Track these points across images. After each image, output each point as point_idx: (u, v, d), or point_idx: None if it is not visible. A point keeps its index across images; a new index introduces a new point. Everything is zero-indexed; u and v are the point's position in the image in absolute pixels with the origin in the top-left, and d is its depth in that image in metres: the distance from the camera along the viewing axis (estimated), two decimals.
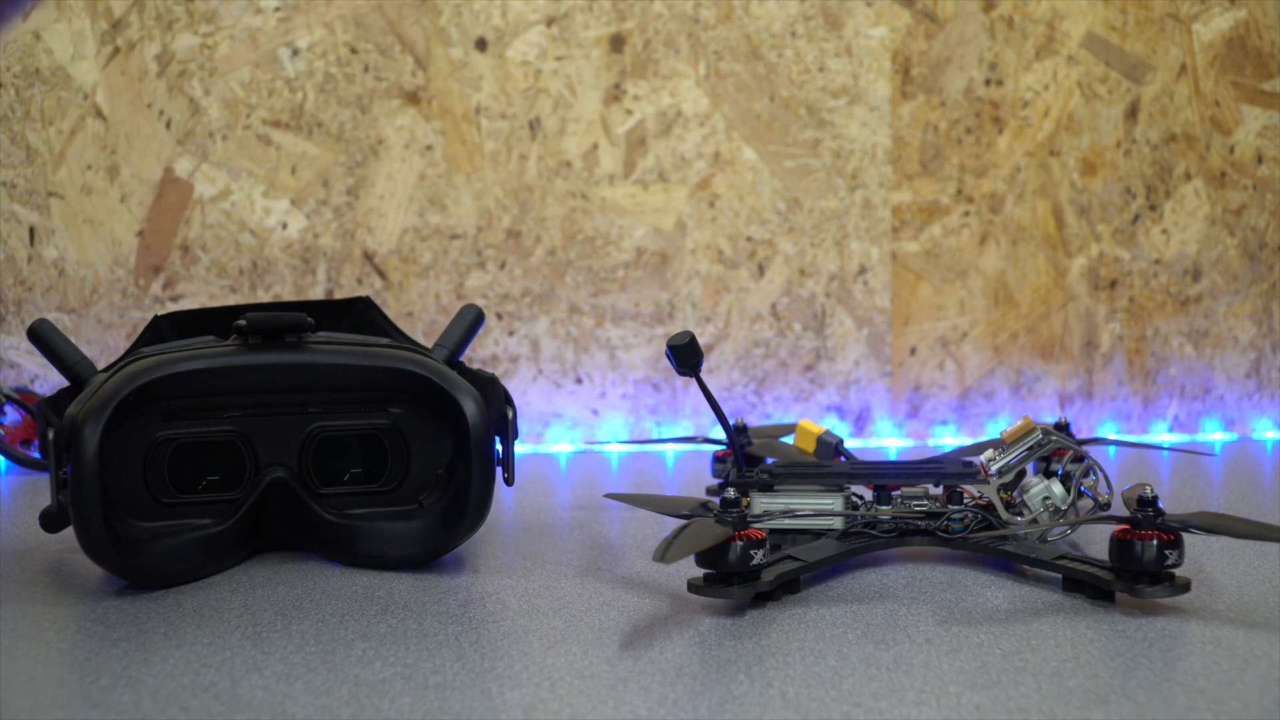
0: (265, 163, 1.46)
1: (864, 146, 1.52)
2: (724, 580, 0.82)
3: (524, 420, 1.50)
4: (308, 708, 0.66)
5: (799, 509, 0.95)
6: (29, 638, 0.78)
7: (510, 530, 1.07)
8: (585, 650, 0.75)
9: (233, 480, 0.95)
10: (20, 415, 1.36)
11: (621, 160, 1.50)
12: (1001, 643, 0.75)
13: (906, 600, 0.85)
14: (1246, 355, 1.58)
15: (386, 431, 0.98)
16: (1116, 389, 1.57)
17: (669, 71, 1.49)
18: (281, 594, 0.87)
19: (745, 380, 1.53)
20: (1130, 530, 0.81)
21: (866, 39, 1.51)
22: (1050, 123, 1.53)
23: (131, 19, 1.43)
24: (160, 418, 0.94)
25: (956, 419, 1.55)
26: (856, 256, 1.53)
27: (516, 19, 1.48)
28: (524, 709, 0.66)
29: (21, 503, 1.21)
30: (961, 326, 1.55)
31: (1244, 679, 0.69)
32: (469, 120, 1.48)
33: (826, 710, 0.65)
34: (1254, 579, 0.89)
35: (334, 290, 1.48)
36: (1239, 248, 1.57)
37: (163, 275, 1.46)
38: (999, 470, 0.94)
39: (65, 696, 0.68)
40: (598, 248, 1.50)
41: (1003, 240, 1.54)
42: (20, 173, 1.44)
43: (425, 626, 0.80)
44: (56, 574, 0.93)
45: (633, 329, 1.51)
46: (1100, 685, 0.68)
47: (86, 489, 0.84)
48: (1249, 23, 1.55)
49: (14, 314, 1.45)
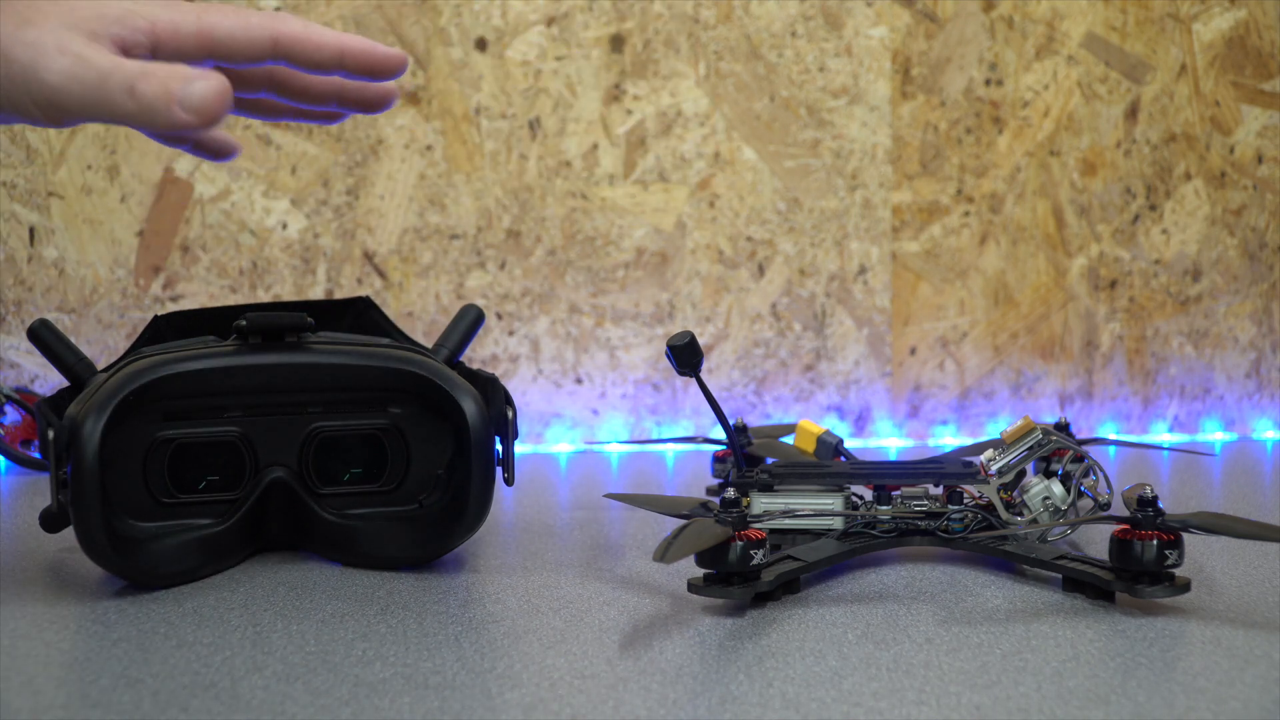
0: (265, 163, 1.46)
1: (864, 146, 1.52)
2: (724, 580, 0.82)
3: (524, 420, 1.50)
4: (308, 708, 0.66)
5: (799, 509, 0.95)
6: (29, 638, 0.78)
7: (510, 530, 1.07)
8: (585, 650, 0.75)
9: (233, 480, 0.95)
10: (20, 415, 1.36)
11: (621, 160, 1.50)
12: (1001, 643, 0.75)
13: (906, 600, 0.85)
14: (1246, 355, 1.58)
15: (386, 431, 0.98)
16: (1116, 389, 1.57)
17: (669, 71, 1.49)
18: (281, 594, 0.87)
19: (745, 380, 1.53)
20: (1130, 530, 0.81)
21: (866, 39, 1.51)
22: (1050, 123, 1.53)
23: None
24: (160, 418, 0.94)
25: (956, 419, 1.55)
26: (856, 256, 1.53)
27: (516, 19, 1.48)
28: (524, 709, 0.66)
29: (21, 503, 1.21)
30: (961, 326, 1.55)
31: (1244, 679, 0.69)
32: (469, 120, 1.48)
33: (826, 710, 0.65)
34: (1254, 579, 0.89)
35: (334, 290, 1.47)
36: (1239, 248, 1.57)
37: (163, 275, 1.46)
38: (999, 470, 0.94)
39: (65, 696, 0.68)
40: (598, 248, 1.50)
41: (1003, 240, 1.54)
42: (20, 173, 1.44)
43: (425, 626, 0.80)
44: (56, 574, 0.93)
45: (633, 329, 1.51)
46: (1100, 685, 0.68)
47: (86, 489, 0.84)
48: (1249, 23, 1.55)
49: (14, 314, 1.45)
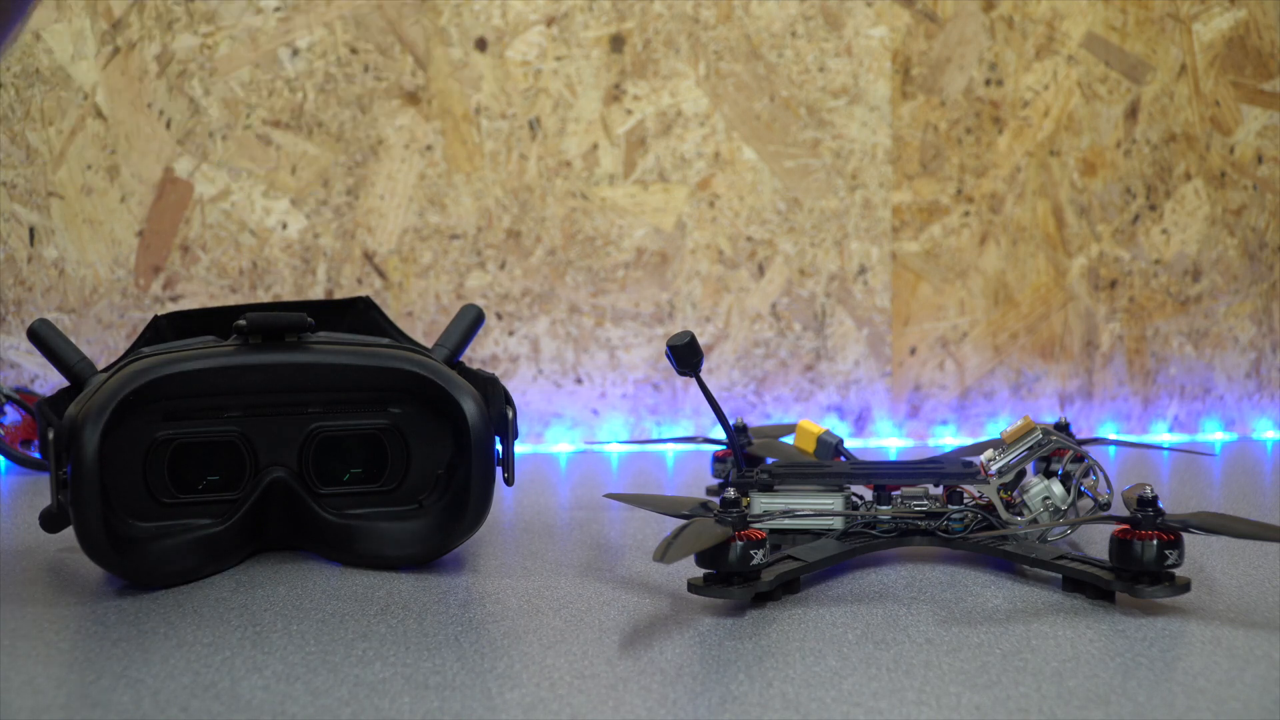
0: (265, 163, 1.46)
1: (864, 146, 1.52)
2: (724, 580, 0.82)
3: (524, 420, 1.50)
4: (308, 708, 0.66)
5: (799, 509, 0.95)
6: (29, 638, 0.78)
7: (510, 530, 1.07)
8: (585, 650, 0.75)
9: (233, 480, 0.95)
10: (20, 415, 1.36)
11: (621, 160, 1.50)
12: (1001, 643, 0.75)
13: (906, 600, 0.85)
14: (1246, 355, 1.58)
15: (386, 431, 0.98)
16: (1116, 389, 1.57)
17: (669, 71, 1.49)
18: (281, 594, 0.87)
19: (745, 380, 1.53)
20: (1130, 530, 0.81)
21: (866, 39, 1.51)
22: (1050, 123, 1.53)
23: (131, 19, 1.43)
24: (160, 418, 0.94)
25: (956, 419, 1.55)
26: (856, 256, 1.53)
27: (516, 19, 1.48)
28: (524, 709, 0.66)
29: (21, 503, 1.21)
30: (961, 326, 1.55)
31: (1244, 679, 0.69)
32: (469, 120, 1.48)
33: (826, 710, 0.65)
34: (1254, 579, 0.89)
35: (334, 290, 1.48)
36: (1239, 248, 1.57)
37: (163, 275, 1.46)
38: (999, 470, 0.94)
39: (65, 696, 0.68)
40: (598, 248, 1.50)
41: (1003, 240, 1.54)
42: (20, 173, 1.44)
43: (425, 626, 0.80)
44: (56, 574, 0.93)
45: (633, 329, 1.51)
46: (1100, 685, 0.68)
47: (86, 489, 0.84)
48: (1249, 23, 1.55)
49: (14, 314, 1.45)
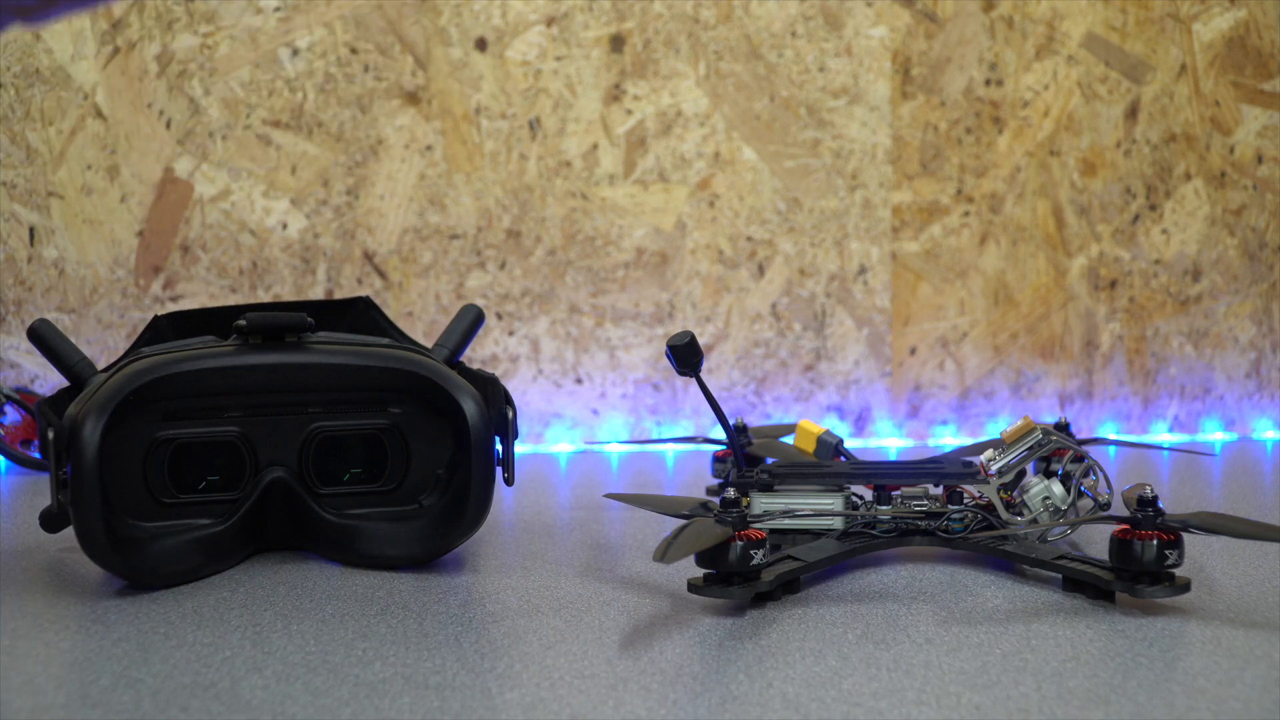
0: (265, 163, 1.46)
1: (864, 146, 1.52)
2: (724, 580, 0.82)
3: (524, 420, 1.50)
4: (308, 708, 0.66)
5: (799, 509, 0.95)
6: (29, 638, 0.78)
7: (510, 530, 1.07)
8: (585, 650, 0.75)
9: (233, 480, 0.95)
10: (20, 415, 1.36)
11: (621, 160, 1.50)
12: (1001, 643, 0.75)
13: (906, 600, 0.85)
14: (1246, 355, 1.58)
15: (386, 431, 0.98)
16: (1116, 389, 1.57)
17: (669, 71, 1.49)
18: (281, 594, 0.87)
19: (745, 380, 1.53)
20: (1130, 530, 0.81)
21: (866, 39, 1.51)
22: (1050, 123, 1.53)
23: (131, 19, 1.43)
24: (160, 418, 0.94)
25: (956, 419, 1.55)
26: (856, 256, 1.53)
27: (516, 19, 1.48)
28: (524, 709, 0.66)
29: (21, 503, 1.21)
30: (961, 326, 1.55)
31: (1244, 679, 0.69)
32: (469, 120, 1.48)
33: (826, 710, 0.65)
34: (1254, 579, 0.89)
35: (334, 290, 1.48)
36: (1239, 248, 1.57)
37: (163, 275, 1.46)
38: (999, 470, 0.94)
39: (65, 696, 0.68)
40: (598, 248, 1.50)
41: (1003, 240, 1.54)
42: (20, 173, 1.44)
43: (425, 626, 0.80)
44: (56, 574, 0.93)
45: (633, 329, 1.51)
46: (1100, 685, 0.68)
47: (86, 489, 0.84)
48: (1249, 23, 1.55)
49: (14, 314, 1.45)
